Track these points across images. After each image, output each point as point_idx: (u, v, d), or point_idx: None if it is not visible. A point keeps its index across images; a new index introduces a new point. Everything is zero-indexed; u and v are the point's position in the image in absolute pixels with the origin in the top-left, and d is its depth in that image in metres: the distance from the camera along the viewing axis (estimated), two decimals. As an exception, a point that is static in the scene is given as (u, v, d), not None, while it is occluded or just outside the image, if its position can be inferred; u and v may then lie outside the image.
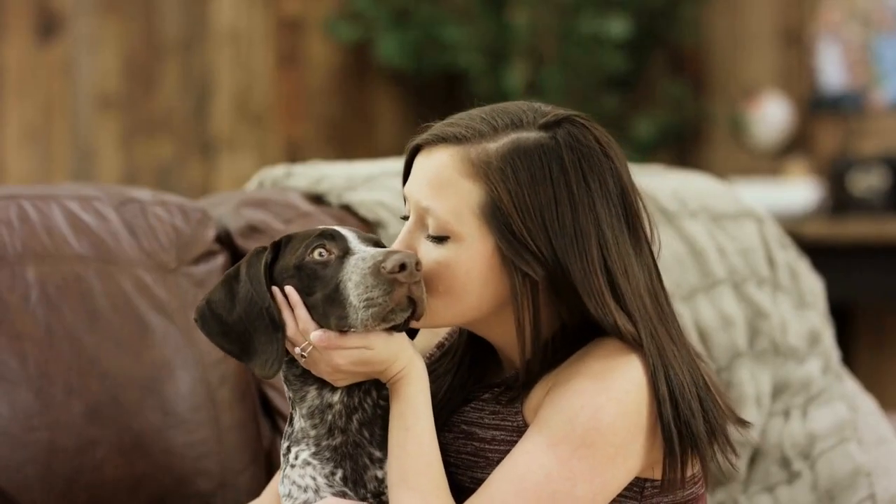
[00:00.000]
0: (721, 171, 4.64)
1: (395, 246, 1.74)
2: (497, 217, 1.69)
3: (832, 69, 5.01)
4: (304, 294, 1.72)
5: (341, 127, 5.05)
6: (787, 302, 2.54)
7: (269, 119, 4.90)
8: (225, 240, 2.29)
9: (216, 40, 4.78)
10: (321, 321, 1.70)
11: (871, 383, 3.37)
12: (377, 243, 1.75)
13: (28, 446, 2.02)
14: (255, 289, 1.73)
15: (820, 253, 3.60)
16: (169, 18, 4.69)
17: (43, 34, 4.48)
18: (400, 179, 1.82)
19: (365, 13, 4.93)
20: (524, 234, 1.68)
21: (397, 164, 2.52)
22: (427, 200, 1.72)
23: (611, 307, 1.69)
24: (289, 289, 1.72)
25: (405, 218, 1.77)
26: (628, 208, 1.74)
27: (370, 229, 2.32)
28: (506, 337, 1.76)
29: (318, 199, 2.39)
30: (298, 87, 4.97)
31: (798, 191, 4.77)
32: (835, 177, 4.79)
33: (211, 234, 2.27)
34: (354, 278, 1.67)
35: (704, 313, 2.45)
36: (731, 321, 2.45)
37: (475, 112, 1.76)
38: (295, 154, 4.83)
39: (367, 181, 2.42)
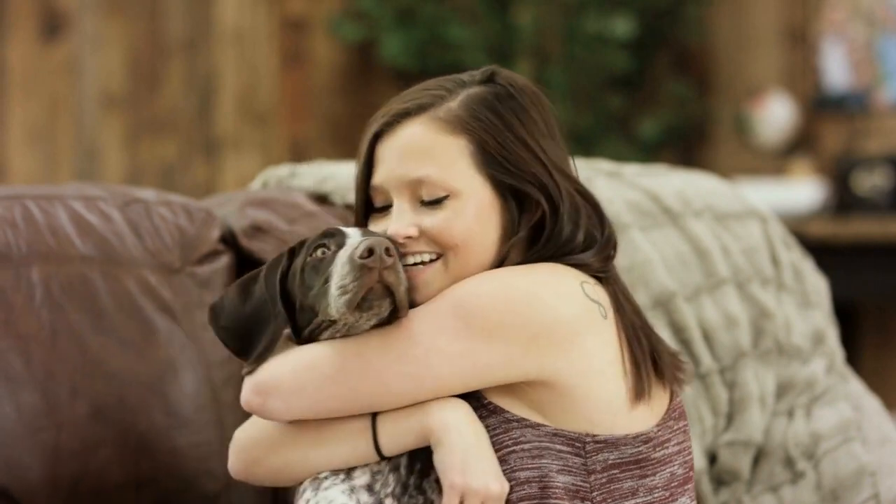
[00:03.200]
0: (725, 171, 4.64)
1: (392, 228, 1.79)
2: (487, 159, 1.79)
3: (836, 68, 5.01)
4: (305, 291, 1.76)
5: (346, 126, 5.05)
6: (791, 302, 2.54)
7: (273, 119, 4.90)
8: (229, 240, 2.29)
9: (220, 40, 4.78)
10: (318, 315, 1.74)
11: (876, 383, 3.36)
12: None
13: (33, 447, 2.03)
14: (268, 293, 1.78)
15: (824, 252, 3.59)
16: (173, 18, 4.70)
17: (48, 34, 4.49)
18: None
19: (369, 13, 4.93)
20: (518, 163, 1.79)
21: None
22: (418, 171, 1.78)
23: (589, 224, 1.82)
24: None
25: (381, 209, 1.82)
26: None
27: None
28: None
29: (322, 199, 2.39)
30: (303, 87, 4.98)
31: (802, 190, 4.77)
32: (839, 176, 4.79)
33: (215, 234, 2.27)
34: (337, 268, 1.72)
35: (708, 313, 2.45)
36: (736, 321, 2.45)
37: (414, 88, 1.86)
38: (299, 154, 4.83)
39: (371, 181, 2.41)
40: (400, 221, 1.79)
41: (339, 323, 1.74)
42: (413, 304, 1.77)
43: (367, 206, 1.86)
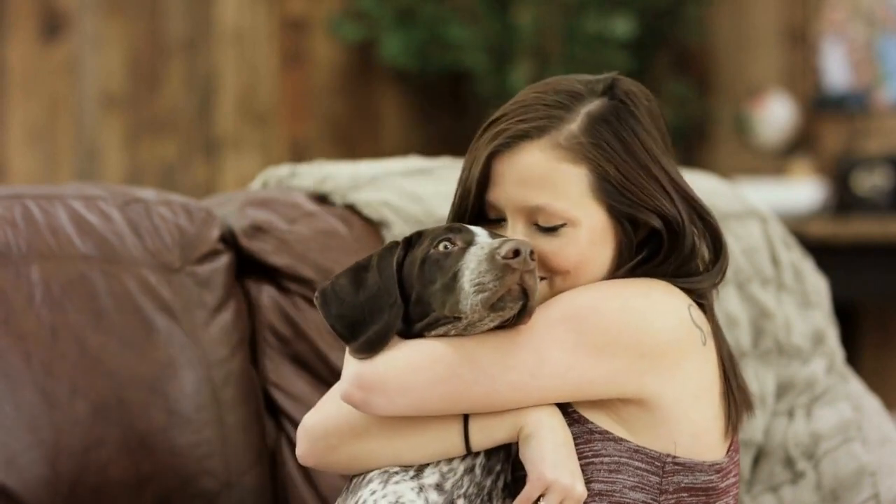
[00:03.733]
0: (725, 171, 4.63)
1: None
2: (607, 189, 1.77)
3: (836, 68, 5.01)
4: (425, 284, 1.73)
5: (346, 126, 5.05)
6: (791, 302, 2.54)
7: (273, 119, 4.90)
8: (229, 239, 2.29)
9: (220, 40, 4.78)
10: (437, 310, 1.72)
11: (876, 383, 3.36)
12: None
13: (33, 446, 2.03)
14: (384, 283, 1.75)
15: (824, 252, 3.59)
16: (173, 18, 4.70)
17: (48, 34, 4.48)
18: (407, 180, 1.83)
19: (369, 13, 4.93)
20: (638, 193, 1.77)
21: (402, 164, 2.53)
22: (537, 199, 1.77)
23: (704, 250, 1.82)
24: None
25: (497, 220, 1.81)
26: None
27: (374, 229, 2.32)
28: None
29: (322, 199, 2.39)
30: (303, 87, 4.98)
31: (802, 190, 4.77)
32: (839, 176, 4.79)
33: (215, 233, 2.27)
34: (471, 265, 1.69)
35: (708, 313, 2.45)
36: (736, 321, 2.45)
37: (532, 100, 1.81)
38: (299, 154, 4.83)
39: (371, 181, 2.42)
40: None
41: (463, 321, 1.71)
42: None
43: (473, 215, 1.84)
